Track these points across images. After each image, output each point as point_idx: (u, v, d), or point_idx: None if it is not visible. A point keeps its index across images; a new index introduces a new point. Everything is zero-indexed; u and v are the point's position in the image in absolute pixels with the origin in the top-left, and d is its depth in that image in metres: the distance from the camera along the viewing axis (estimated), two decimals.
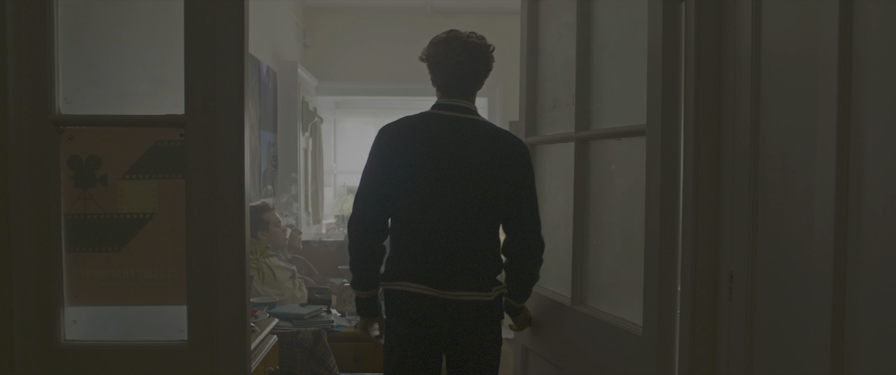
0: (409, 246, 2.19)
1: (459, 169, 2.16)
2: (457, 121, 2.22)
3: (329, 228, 6.61)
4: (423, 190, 2.16)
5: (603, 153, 2.18)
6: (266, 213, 4.15)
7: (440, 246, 2.16)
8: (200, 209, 1.75)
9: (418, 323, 2.18)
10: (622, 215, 2.08)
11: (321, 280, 4.62)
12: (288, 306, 3.19)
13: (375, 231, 2.18)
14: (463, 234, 2.18)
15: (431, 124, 2.22)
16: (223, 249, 1.75)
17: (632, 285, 1.98)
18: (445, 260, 2.16)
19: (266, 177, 4.85)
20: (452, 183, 2.16)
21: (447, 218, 2.16)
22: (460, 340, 2.20)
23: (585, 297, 2.22)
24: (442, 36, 2.27)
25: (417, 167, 2.16)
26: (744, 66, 1.62)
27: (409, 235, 2.19)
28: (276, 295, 3.84)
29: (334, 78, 6.33)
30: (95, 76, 1.77)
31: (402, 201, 2.17)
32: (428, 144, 2.17)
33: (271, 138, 5.03)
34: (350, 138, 7.07)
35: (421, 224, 2.17)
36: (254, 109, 4.47)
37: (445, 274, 2.15)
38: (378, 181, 2.17)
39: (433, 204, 2.16)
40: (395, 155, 2.17)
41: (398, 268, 2.19)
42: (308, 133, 5.81)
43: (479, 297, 2.18)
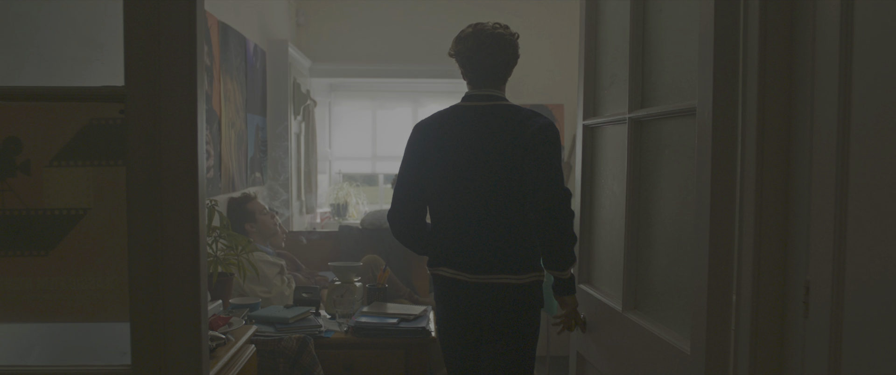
0: (444, 233, 2.33)
1: (485, 154, 2.26)
2: (485, 109, 2.33)
3: (324, 217, 6.27)
4: (454, 178, 2.28)
5: (656, 136, 1.87)
6: (249, 203, 3.81)
7: (471, 231, 2.28)
8: (145, 203, 1.40)
9: (456, 307, 2.32)
10: (675, 209, 1.76)
11: (309, 274, 4.29)
12: (271, 308, 2.86)
13: (413, 221, 2.38)
14: (493, 218, 2.27)
15: (460, 115, 2.34)
16: (173, 252, 1.40)
17: (684, 292, 1.67)
18: (476, 244, 2.27)
19: (253, 163, 4.51)
20: (480, 168, 2.26)
21: (477, 202, 2.27)
22: (495, 323, 2.30)
23: (637, 303, 1.93)
24: (468, 31, 2.37)
25: (448, 157, 2.29)
26: (828, 33, 1.28)
27: (444, 223, 2.33)
28: (263, 292, 3.51)
29: (329, 58, 5.98)
30: (11, 37, 1.42)
31: (436, 191, 2.32)
32: (457, 134, 2.30)
33: (260, 122, 4.68)
34: (346, 122, 6.72)
35: (453, 211, 2.30)
36: (239, 90, 4.13)
37: (477, 258, 2.27)
38: (413, 175, 2.35)
39: (463, 191, 2.27)
40: (428, 148, 2.33)
41: (437, 255, 2.36)
42: (300, 117, 5.47)
43: (511, 280, 2.26)
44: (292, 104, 5.17)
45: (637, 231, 1.96)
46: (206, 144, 3.49)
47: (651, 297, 1.90)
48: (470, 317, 2.33)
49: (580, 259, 2.41)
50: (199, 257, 1.44)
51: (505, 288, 2.28)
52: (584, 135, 2.37)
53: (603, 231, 2.21)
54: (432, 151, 2.33)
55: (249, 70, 4.38)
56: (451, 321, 2.37)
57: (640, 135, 1.94)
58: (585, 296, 2.30)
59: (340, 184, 6.55)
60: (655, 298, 1.88)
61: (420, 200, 2.37)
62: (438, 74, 6.07)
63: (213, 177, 3.60)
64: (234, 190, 3.96)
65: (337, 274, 3.02)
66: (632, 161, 1.96)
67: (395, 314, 2.82)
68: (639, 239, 1.96)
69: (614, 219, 2.13)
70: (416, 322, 2.75)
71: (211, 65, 3.57)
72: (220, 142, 3.71)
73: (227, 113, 3.84)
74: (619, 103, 2.11)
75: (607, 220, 2.19)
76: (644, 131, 1.93)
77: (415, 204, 2.37)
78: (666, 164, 1.82)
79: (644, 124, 1.93)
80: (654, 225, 1.88)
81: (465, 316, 2.34)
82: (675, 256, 1.76)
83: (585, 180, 2.40)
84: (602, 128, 2.28)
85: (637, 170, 1.96)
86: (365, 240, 4.82)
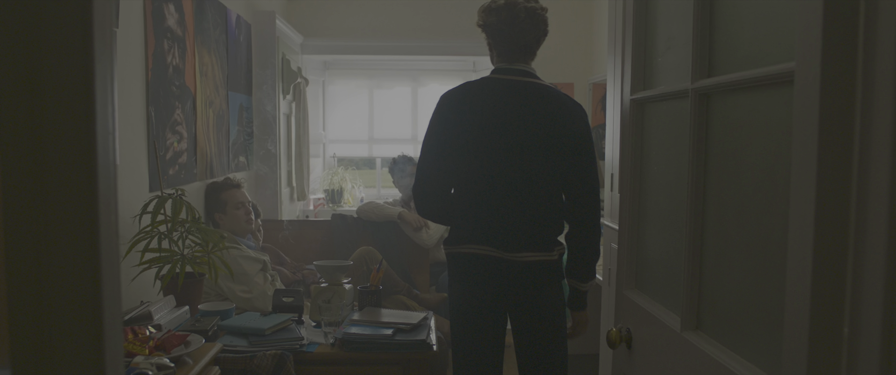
0: (472, 208, 2.24)
1: (520, 130, 2.20)
2: (517, 84, 2.26)
3: (318, 204, 5.87)
4: (484, 152, 2.21)
5: (731, 112, 1.47)
6: (225, 192, 3.39)
7: (503, 207, 2.21)
8: (25, 207, 0.98)
9: (483, 286, 2.23)
10: (758, 208, 1.35)
11: (296, 268, 3.88)
12: (246, 316, 2.45)
13: (443, 194, 2.27)
14: (525, 195, 2.21)
15: (492, 88, 2.26)
16: (66, 272, 0.99)
17: (769, 314, 1.26)
18: (508, 221, 2.21)
19: (237, 146, 4.08)
20: (513, 144, 2.20)
21: (509, 178, 2.20)
22: (524, 302, 2.25)
23: (701, 322, 1.54)
24: (500, 2, 2.29)
25: (478, 130, 2.21)
26: None
27: (472, 198, 2.24)
28: (243, 292, 3.09)
29: (322, 34, 5.54)
30: None
31: (464, 164, 2.23)
32: (488, 107, 2.22)
33: (244, 101, 4.26)
34: (341, 103, 6.29)
35: (483, 186, 2.21)
36: (219, 65, 3.70)
37: (509, 235, 2.20)
38: (439, 148, 2.24)
39: (495, 166, 2.20)
40: (456, 120, 2.23)
41: (462, 232, 2.25)
42: (290, 96, 5.04)
43: (542, 257, 2.22)
44: (281, 82, 4.74)
45: (702, 232, 1.56)
46: (178, 125, 3.07)
47: (720, 316, 1.50)
48: (498, 296, 2.26)
49: (626, 259, 2.05)
50: (109, 275, 1.02)
51: (537, 265, 2.24)
52: (632, 112, 1.97)
53: (654, 228, 1.83)
54: (463, 123, 2.23)
55: (231, 43, 3.95)
56: (474, 301, 2.26)
57: (708, 111, 1.53)
58: (631, 306, 1.92)
59: (335, 168, 6.14)
60: (726, 318, 1.48)
61: (446, 174, 2.26)
62: (440, 51, 5.65)
63: (187, 162, 3.18)
64: (212, 176, 3.54)
65: (323, 274, 2.61)
66: (696, 144, 1.56)
67: (391, 323, 2.41)
68: (704, 242, 1.56)
69: (670, 215, 1.75)
70: (415, 333, 2.35)
71: (183, 36, 3.14)
72: (195, 123, 3.29)
73: (203, 90, 3.41)
74: (678, 72, 1.71)
75: (660, 215, 1.81)
76: (713, 106, 1.52)
77: (443, 178, 2.26)
78: (744, 148, 1.41)
79: (713, 97, 1.52)
80: (727, 225, 1.47)
81: (493, 296, 2.25)
82: (757, 267, 1.35)
83: (630, 166, 2.01)
84: (654, 103, 1.88)
85: (702, 155, 1.56)
86: (360, 230, 4.41)
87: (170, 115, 2.97)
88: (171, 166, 2.97)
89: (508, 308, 2.29)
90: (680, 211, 1.69)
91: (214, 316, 2.37)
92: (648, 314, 1.83)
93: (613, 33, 2.76)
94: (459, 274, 2.28)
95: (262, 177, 4.60)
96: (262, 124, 4.58)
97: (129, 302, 2.50)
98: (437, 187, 2.25)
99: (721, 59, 1.51)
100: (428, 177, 2.26)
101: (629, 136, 2.04)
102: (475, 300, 2.25)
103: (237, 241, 3.34)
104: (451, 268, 2.31)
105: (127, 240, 2.48)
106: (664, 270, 1.83)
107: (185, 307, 2.43)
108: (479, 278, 2.24)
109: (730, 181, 1.47)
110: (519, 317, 2.30)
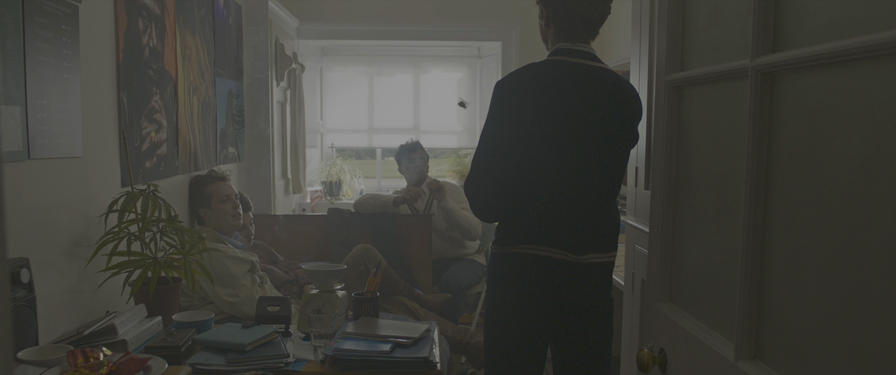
0: (535, 206, 2.01)
1: (589, 121, 2.00)
2: (585, 69, 2.04)
3: (315, 197, 5.59)
4: (551, 145, 1.99)
5: (807, 95, 1.20)
6: (210, 185, 3.12)
7: (571, 206, 2.01)
8: None
9: (538, 290, 2.03)
10: (846, 213, 1.08)
11: (289, 267, 3.61)
12: (226, 327, 2.17)
13: (503, 191, 2.02)
14: (593, 193, 2.03)
15: (558, 72, 2.02)
16: None
17: (855, 343, 0.99)
18: (577, 221, 2.01)
19: (225, 136, 3.81)
20: (582, 136, 2.00)
21: (578, 174, 2.01)
22: (584, 308, 2.07)
23: (760, 349, 1.28)
24: None
25: (544, 120, 1.98)
26: None
27: (536, 195, 2.01)
28: (229, 295, 2.83)
29: (319, 18, 5.26)
30: None
31: (527, 157, 1.99)
32: (556, 94, 1.99)
33: (234, 87, 3.98)
34: (339, 90, 6.01)
35: (550, 182, 2.00)
36: (204, 49, 3.42)
37: (577, 236, 2.01)
38: (497, 140, 2.00)
39: (564, 160, 2.00)
40: (518, 109, 1.98)
41: (521, 231, 2.03)
42: (284, 82, 4.76)
43: (605, 259, 2.08)
44: (274, 68, 4.46)
45: (763, 240, 1.29)
46: (156, 113, 2.79)
47: (787, 343, 1.23)
48: (554, 303, 2.05)
49: (658, 266, 1.80)
50: None
51: (601, 268, 2.08)
52: (668, 96, 1.70)
53: (694, 231, 1.58)
54: (521, 111, 1.98)
55: (219, 25, 3.67)
56: (526, 309, 2.04)
57: (773, 94, 1.26)
58: (665, 323, 1.66)
59: (333, 159, 5.86)
60: (795, 346, 1.20)
61: (504, 169, 2.01)
62: (444, 36, 5.36)
63: (167, 153, 2.91)
64: (196, 168, 3.27)
65: (313, 279, 2.33)
66: (756, 133, 1.28)
67: (389, 336, 2.13)
68: (767, 252, 1.29)
69: (717, 217, 1.49)
70: (416, 349, 2.07)
71: (162, 15, 2.86)
72: (176, 111, 3.01)
73: (186, 75, 3.13)
74: (728, 48, 1.44)
75: (703, 217, 1.55)
76: (781, 87, 1.24)
77: (503, 173, 2.01)
78: (826, 139, 1.13)
79: (780, 77, 1.24)
80: (800, 233, 1.20)
81: (548, 303, 2.04)
82: (844, 286, 1.08)
83: (664, 158, 1.74)
84: (695, 86, 1.61)
85: (765, 147, 1.28)
86: (358, 226, 4.14)
87: (146, 102, 2.69)
88: (147, 158, 2.69)
89: (561, 315, 2.08)
90: (730, 213, 1.43)
91: (189, 329, 2.10)
92: (688, 334, 1.57)
93: (639, 9, 2.48)
94: (508, 276, 2.06)
95: (254, 168, 4.33)
96: (254, 113, 4.30)
97: (93, 312, 2.23)
98: (497, 184, 2.01)
99: (791, 30, 1.23)
100: (488, 172, 2.02)
101: (663, 124, 1.77)
102: (527, 307, 2.04)
103: (223, 239, 3.07)
104: (500, 270, 2.07)
105: (94, 242, 2.22)
106: (708, 282, 1.56)
107: (158, 318, 2.17)
108: (540, 282, 2.03)
109: (804, 179, 1.19)
110: (573, 327, 2.10)
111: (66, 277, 2.11)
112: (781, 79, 1.26)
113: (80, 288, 2.18)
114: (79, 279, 2.17)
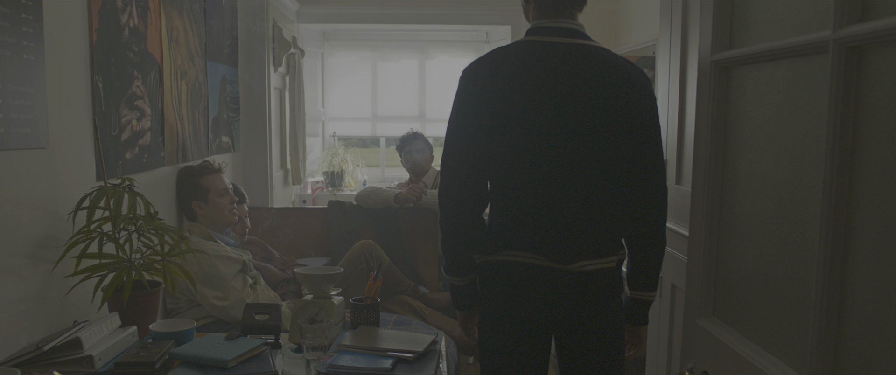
0: (514, 208, 1.77)
1: (572, 108, 1.70)
2: (565, 48, 1.74)
3: (316, 188, 5.36)
4: (529, 138, 1.72)
5: None
6: (205, 177, 2.89)
7: (554, 206, 1.74)
8: None
9: (526, 302, 1.78)
10: None
11: (285, 264, 3.39)
12: (208, 339, 1.94)
13: (470, 198, 1.78)
14: (581, 192, 1.74)
15: (531, 54, 1.74)
16: None
17: None
18: (562, 223, 1.74)
19: (219, 124, 3.57)
20: (567, 127, 1.71)
21: (562, 171, 1.72)
22: (578, 321, 1.81)
23: None
24: None
25: (520, 110, 1.71)
26: None
27: (513, 195, 1.77)
28: (217, 298, 2.61)
29: (320, 0, 5.00)
30: None
31: (503, 154, 1.74)
32: (531, 80, 1.71)
33: (227, 73, 3.74)
34: (342, 77, 5.77)
35: (529, 180, 1.74)
36: (194, 31, 3.18)
37: (562, 241, 1.74)
38: (468, 135, 1.75)
39: (544, 155, 1.72)
40: (488, 99, 1.72)
41: (501, 236, 1.79)
42: (283, 68, 4.52)
43: (600, 265, 1.77)
44: (272, 52, 4.22)
45: (845, 251, 1.05)
46: (138, 99, 2.55)
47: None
48: (542, 316, 1.80)
49: (700, 277, 1.57)
50: None
51: (595, 276, 1.78)
52: (714, 78, 1.47)
53: (746, 236, 1.36)
54: (492, 101, 1.71)
55: (211, 7, 3.43)
56: (513, 322, 1.80)
57: (860, 72, 1.02)
58: (708, 341, 1.44)
59: (335, 148, 5.63)
60: None
61: (480, 169, 1.76)
62: (450, 20, 5.11)
63: (152, 143, 2.67)
64: (184, 159, 3.03)
65: (306, 284, 2.10)
66: (839, 121, 1.04)
67: (391, 350, 1.90)
68: (849, 265, 1.05)
69: (777, 221, 1.28)
70: (421, 366, 1.84)
71: None
72: (161, 97, 2.77)
73: (172, 58, 2.90)
74: (797, 19, 1.21)
75: (757, 220, 1.34)
76: (870, 64, 1.00)
77: (472, 175, 1.76)
78: None
79: (870, 51, 1.00)
80: (893, 244, 0.96)
81: (536, 315, 1.79)
82: None
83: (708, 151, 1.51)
84: (749, 65, 1.36)
85: (849, 138, 1.04)
86: (360, 220, 3.91)
87: (126, 87, 2.45)
88: (128, 149, 2.46)
89: (556, 329, 1.86)
90: (797, 217, 1.19)
91: (167, 341, 1.88)
92: (739, 356, 1.34)
93: None
94: (496, 286, 1.83)
95: (250, 158, 4.10)
96: (251, 100, 4.06)
97: (61, 322, 2.00)
98: (462, 187, 1.76)
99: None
100: (451, 174, 1.77)
101: (707, 111, 1.54)
102: (514, 320, 1.80)
103: (213, 237, 2.84)
104: (485, 280, 1.86)
105: (64, 244, 1.99)
106: (764, 297, 1.33)
107: (132, 328, 1.94)
108: (522, 292, 1.79)
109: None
110: (569, 342, 1.86)
111: (28, 283, 1.88)
112: (871, 54, 1.02)
113: (45, 294, 1.95)
114: (44, 285, 1.94)
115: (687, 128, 2.07)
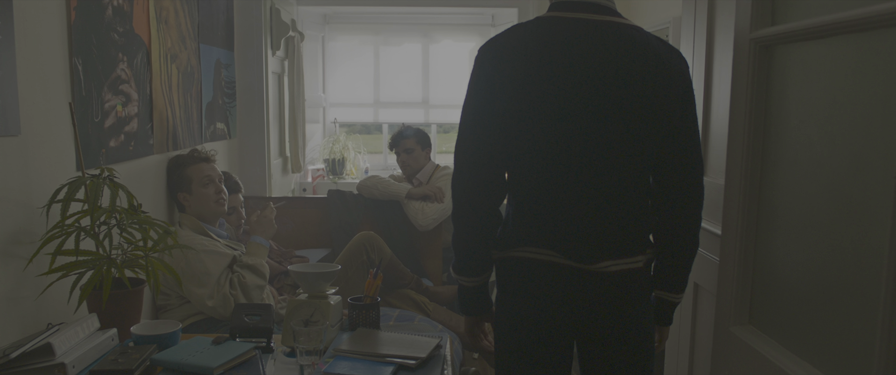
0: (531, 201, 1.64)
1: (598, 93, 1.54)
2: (590, 25, 1.58)
3: (317, 176, 5.21)
4: (547, 125, 1.57)
5: None
6: (190, 167, 2.73)
7: (574, 200, 1.60)
8: None
9: (545, 302, 1.65)
10: None
11: (283, 255, 3.24)
12: (192, 343, 1.80)
13: (486, 190, 1.63)
14: (605, 185, 1.59)
15: (553, 31, 1.58)
16: None
17: None
18: (582, 219, 1.60)
19: (213, 110, 3.42)
20: (589, 112, 1.55)
21: (583, 161, 1.57)
22: (602, 327, 1.66)
23: None
24: None
25: (539, 94, 1.55)
26: None
27: (531, 187, 1.63)
28: (207, 297, 2.46)
29: None
30: None
31: (519, 142, 1.60)
32: (551, 61, 1.55)
33: (222, 56, 3.58)
34: (343, 61, 5.60)
35: (547, 171, 1.60)
36: (185, 11, 3.02)
37: (583, 238, 1.60)
38: (483, 121, 1.60)
39: (563, 143, 1.57)
40: (504, 81, 1.57)
41: (519, 231, 1.66)
42: (281, 52, 4.36)
43: (627, 266, 1.62)
44: (269, 35, 4.05)
45: None
46: (123, 83, 2.40)
47: None
48: (562, 317, 1.65)
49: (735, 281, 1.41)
50: None
51: (620, 276, 1.62)
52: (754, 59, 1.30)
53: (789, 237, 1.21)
54: (510, 84, 1.56)
55: None
56: (531, 323, 1.66)
57: None
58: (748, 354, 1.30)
59: (336, 135, 5.47)
60: None
61: (496, 158, 1.62)
62: (455, 2, 4.96)
63: (139, 130, 2.52)
64: (176, 147, 2.88)
65: (300, 282, 1.95)
66: None
67: (392, 356, 1.76)
68: None
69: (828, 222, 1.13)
70: (424, 373, 1.70)
71: None
72: (149, 81, 2.62)
73: (161, 40, 2.74)
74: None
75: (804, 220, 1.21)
76: None
77: (488, 164, 1.61)
78: None
79: None
80: None
81: (556, 316, 1.65)
82: None
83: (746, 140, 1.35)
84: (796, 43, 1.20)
85: None
86: (361, 210, 3.76)
87: (110, 70, 2.30)
88: (112, 136, 2.31)
89: (577, 334, 1.71)
90: (854, 216, 1.04)
91: (149, 345, 1.73)
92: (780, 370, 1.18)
93: None
94: (512, 284, 1.69)
95: (247, 146, 3.94)
96: (247, 85, 3.90)
97: (35, 324, 1.85)
98: (478, 178, 1.62)
99: None
100: (466, 163, 1.63)
101: (744, 96, 1.37)
102: (533, 321, 1.66)
103: (204, 229, 2.69)
104: (503, 278, 1.72)
105: (38, 239, 1.84)
106: (812, 306, 1.18)
107: (112, 331, 1.79)
108: (540, 292, 1.65)
109: None
110: (592, 347, 1.71)
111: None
112: None
113: (18, 295, 1.80)
114: (17, 284, 1.79)
115: (714, 114, 1.91)
